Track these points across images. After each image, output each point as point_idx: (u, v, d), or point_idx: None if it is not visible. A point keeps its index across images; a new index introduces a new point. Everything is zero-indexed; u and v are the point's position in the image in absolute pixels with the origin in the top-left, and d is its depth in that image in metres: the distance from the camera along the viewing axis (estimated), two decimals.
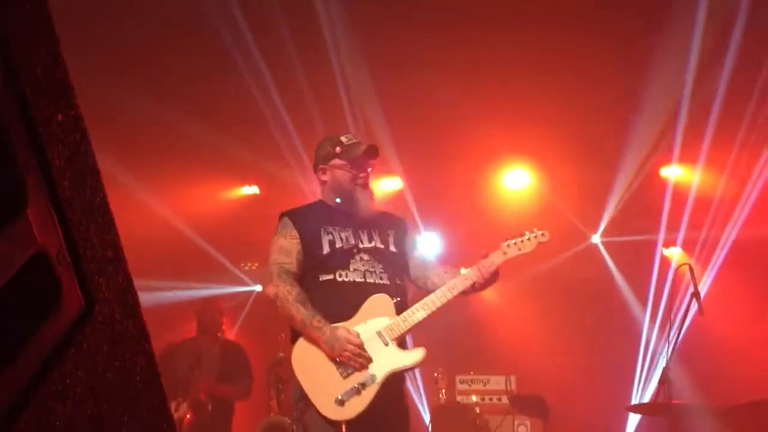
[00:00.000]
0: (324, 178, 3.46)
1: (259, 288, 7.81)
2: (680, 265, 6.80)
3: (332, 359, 3.18)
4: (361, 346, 3.16)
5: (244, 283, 7.82)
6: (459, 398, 5.27)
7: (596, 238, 7.56)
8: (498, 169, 7.33)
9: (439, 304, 3.24)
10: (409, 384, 5.05)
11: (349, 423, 3.13)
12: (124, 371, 0.89)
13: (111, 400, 0.86)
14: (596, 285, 7.34)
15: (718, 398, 4.89)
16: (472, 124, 6.35)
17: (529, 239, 3.27)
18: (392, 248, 3.42)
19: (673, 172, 7.09)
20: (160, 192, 6.77)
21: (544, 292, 7.26)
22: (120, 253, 0.88)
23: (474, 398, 5.17)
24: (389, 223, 3.52)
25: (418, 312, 3.24)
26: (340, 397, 3.12)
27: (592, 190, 7.18)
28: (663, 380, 4.57)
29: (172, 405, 5.16)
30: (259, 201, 7.35)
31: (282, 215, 3.44)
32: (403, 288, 3.39)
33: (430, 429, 5.22)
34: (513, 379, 5.31)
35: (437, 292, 3.26)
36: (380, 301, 3.27)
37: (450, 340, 6.69)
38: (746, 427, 4.69)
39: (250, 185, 7.49)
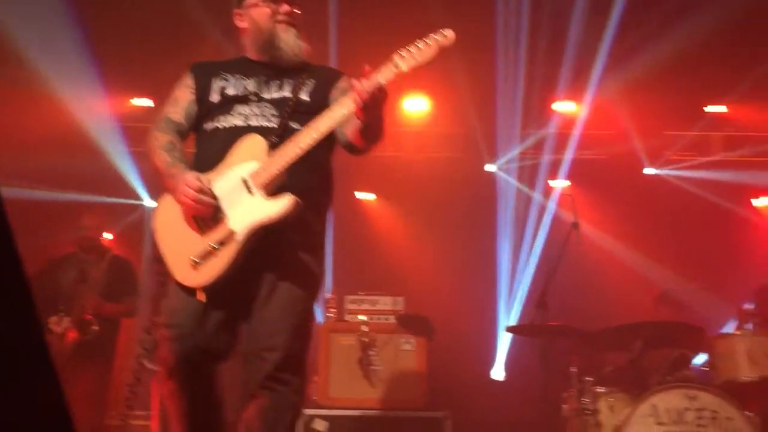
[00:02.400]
0: (242, 24, 2.96)
1: (154, 204, 7.59)
2: (563, 195, 7.27)
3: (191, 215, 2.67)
4: (201, 190, 2.62)
5: (136, 197, 7.57)
6: (348, 317, 5.39)
7: (492, 167, 7.82)
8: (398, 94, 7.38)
9: (315, 136, 2.62)
10: None
11: (208, 290, 2.65)
12: None
13: None
14: (486, 211, 7.63)
15: (590, 322, 5.22)
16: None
17: (427, 44, 2.55)
18: (303, 96, 2.86)
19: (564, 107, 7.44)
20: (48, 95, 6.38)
21: (437, 216, 7.50)
22: None
23: (363, 318, 5.29)
24: (314, 74, 2.94)
25: (289, 150, 2.63)
26: (194, 259, 2.63)
27: (491, 121, 7.39)
28: (540, 304, 4.85)
29: (53, 319, 5.03)
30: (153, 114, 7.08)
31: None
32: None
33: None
34: (401, 300, 5.47)
35: (312, 123, 2.66)
36: (251, 143, 2.71)
37: (342, 261, 6.85)
38: (613, 347, 5.07)
39: (142, 97, 7.20)
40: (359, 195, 8.02)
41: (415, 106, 7.53)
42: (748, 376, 4.45)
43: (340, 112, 2.63)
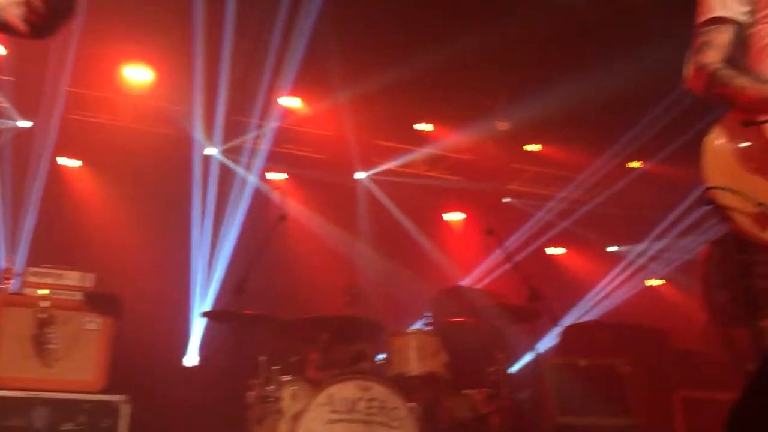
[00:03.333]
0: None
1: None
2: (276, 186, 7.44)
3: None
4: None
5: None
6: (27, 290, 4.92)
7: (211, 150, 7.70)
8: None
9: None
10: None
11: None
12: None
13: None
14: (193, 194, 7.49)
15: (287, 311, 5.35)
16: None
17: None
18: None
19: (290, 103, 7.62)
20: None
21: (143, 192, 7.20)
22: None
23: (45, 292, 4.87)
24: None
25: None
26: None
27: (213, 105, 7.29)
28: (238, 290, 4.87)
29: None
30: None
31: None
32: None
33: None
34: (92, 276, 5.13)
35: None
36: None
37: (40, 230, 6.27)
38: (304, 338, 5.25)
39: None
40: (62, 161, 7.39)
41: (138, 75, 7.16)
42: (416, 371, 4.90)
43: None
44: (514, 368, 6.05)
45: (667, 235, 8.75)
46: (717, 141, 2.49)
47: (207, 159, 7.70)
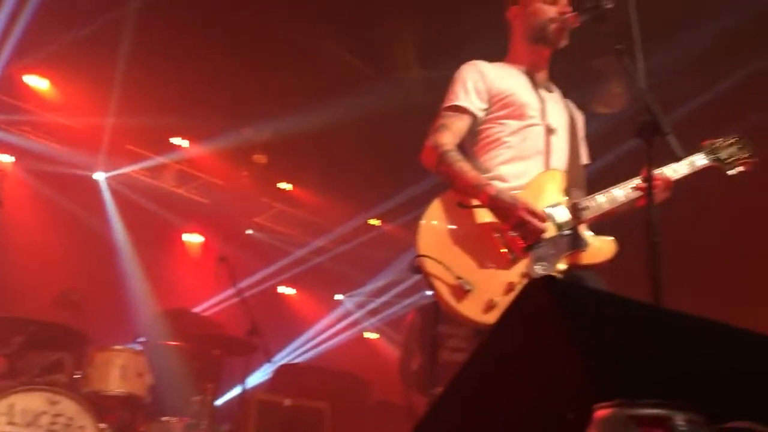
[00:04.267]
0: None
1: None
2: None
3: None
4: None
5: None
6: None
7: None
8: None
9: None
10: None
11: None
12: None
13: None
14: None
15: None
16: None
17: None
18: None
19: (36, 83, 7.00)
20: None
21: None
22: None
23: None
24: None
25: None
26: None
27: None
28: None
29: None
30: None
31: None
32: None
33: None
34: None
35: None
36: None
37: None
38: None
39: None
40: None
41: None
42: (115, 390, 4.65)
43: None
44: (220, 400, 5.98)
45: (387, 293, 9.34)
46: (434, 214, 2.75)
47: None
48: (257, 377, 6.76)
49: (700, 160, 2.96)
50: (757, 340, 1.57)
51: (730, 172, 2.98)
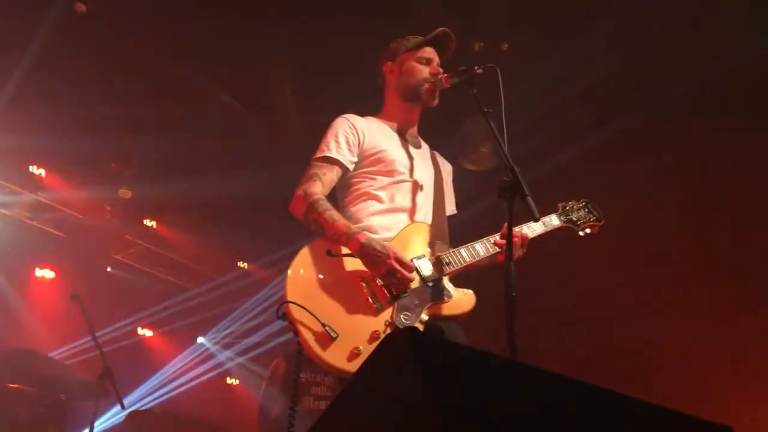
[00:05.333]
0: None
1: None
2: None
3: None
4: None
5: None
6: None
7: None
8: None
9: None
10: None
11: None
12: None
13: None
14: None
15: None
16: None
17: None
18: None
19: None
20: None
21: None
22: None
23: None
24: None
25: None
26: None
27: None
28: None
29: None
30: None
31: None
32: None
33: None
34: None
35: None
36: None
37: None
38: None
39: None
40: None
41: None
42: None
43: None
44: None
45: (251, 338, 9.14)
46: (302, 261, 2.75)
47: None
48: (107, 422, 6.37)
49: (554, 220, 3.17)
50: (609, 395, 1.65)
51: (581, 233, 3.21)
